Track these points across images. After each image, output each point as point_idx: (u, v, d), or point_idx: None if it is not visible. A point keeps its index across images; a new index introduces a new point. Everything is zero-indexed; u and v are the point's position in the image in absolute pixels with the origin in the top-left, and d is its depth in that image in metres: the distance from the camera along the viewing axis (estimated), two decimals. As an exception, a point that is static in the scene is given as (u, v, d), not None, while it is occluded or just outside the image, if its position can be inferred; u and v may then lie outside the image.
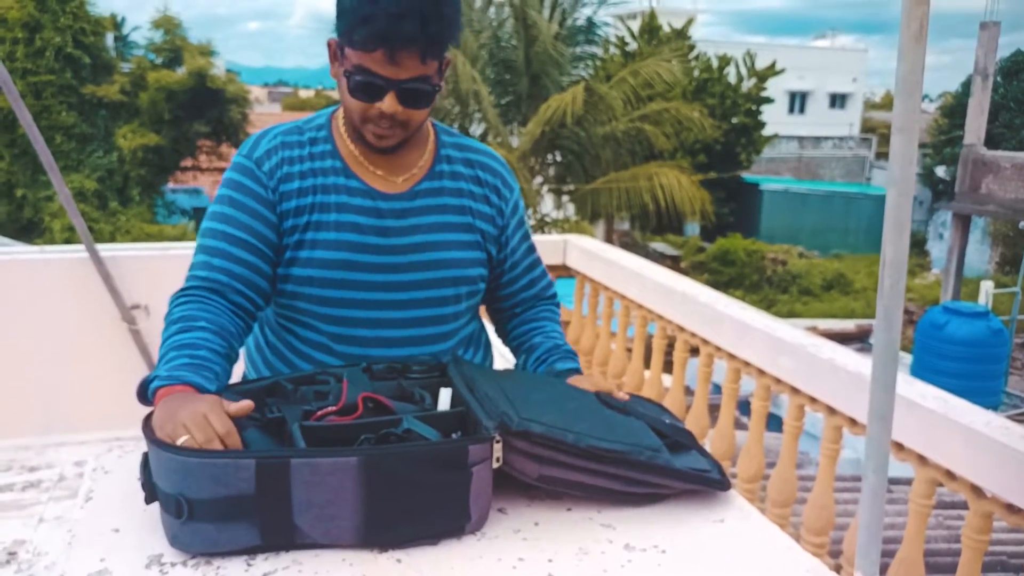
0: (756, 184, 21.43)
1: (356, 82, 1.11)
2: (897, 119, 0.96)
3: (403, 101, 1.12)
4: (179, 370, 1.02)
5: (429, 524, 0.94)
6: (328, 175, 1.19)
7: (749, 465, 2.35)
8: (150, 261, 2.97)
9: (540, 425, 0.98)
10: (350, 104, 1.14)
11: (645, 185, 12.46)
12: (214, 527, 0.89)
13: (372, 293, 1.18)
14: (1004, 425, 1.69)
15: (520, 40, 12.52)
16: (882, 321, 1.00)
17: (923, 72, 0.95)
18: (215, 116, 14.69)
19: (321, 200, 1.18)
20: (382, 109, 1.11)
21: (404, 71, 1.09)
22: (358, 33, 1.07)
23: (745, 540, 1.02)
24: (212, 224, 1.19)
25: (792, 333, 2.25)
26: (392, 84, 1.10)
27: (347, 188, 1.19)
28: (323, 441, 0.95)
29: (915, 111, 0.96)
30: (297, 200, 1.18)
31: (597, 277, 3.29)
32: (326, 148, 1.21)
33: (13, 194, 14.04)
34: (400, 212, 1.20)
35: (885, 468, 1.03)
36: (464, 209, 1.24)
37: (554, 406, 1.05)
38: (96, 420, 1.69)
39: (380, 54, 1.07)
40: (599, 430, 1.03)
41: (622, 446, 1.02)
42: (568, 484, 1.03)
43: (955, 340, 7.89)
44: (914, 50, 0.93)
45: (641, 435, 1.07)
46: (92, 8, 14.28)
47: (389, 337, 1.21)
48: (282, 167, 1.18)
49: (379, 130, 1.15)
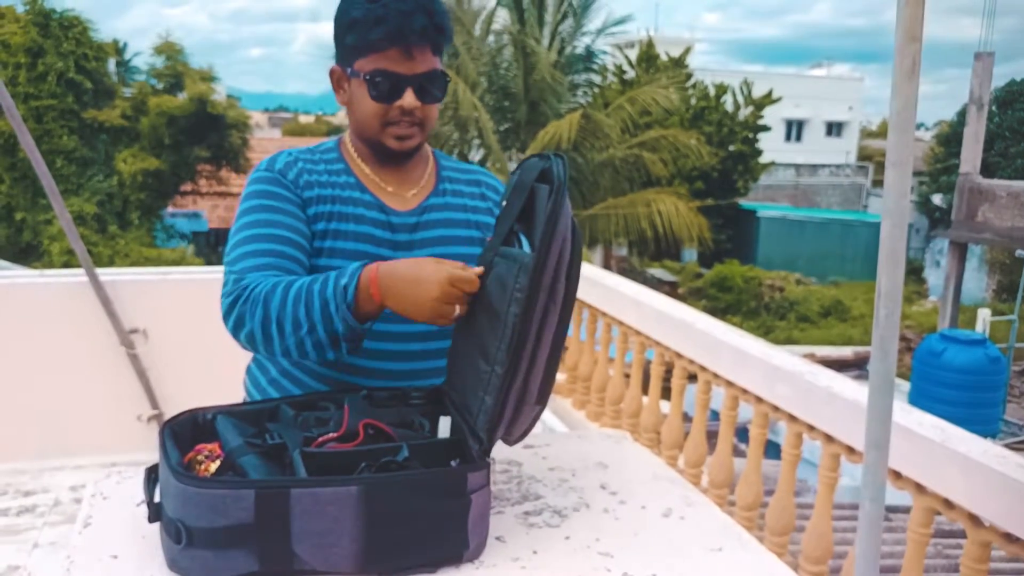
0: (753, 211, 21.55)
1: (375, 84, 1.16)
2: (891, 153, 0.99)
3: (420, 95, 1.18)
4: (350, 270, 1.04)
5: (428, 552, 0.94)
6: (345, 188, 1.23)
7: (747, 493, 2.34)
8: (149, 285, 2.98)
9: (483, 425, 0.98)
10: (369, 112, 1.19)
11: (643, 211, 12.54)
12: (212, 554, 0.88)
13: (385, 325, 1.18)
14: (1001, 454, 1.69)
15: (519, 68, 12.68)
16: (878, 351, 1.01)
17: (916, 107, 0.98)
18: (215, 141, 14.77)
19: (340, 210, 1.21)
20: (403, 106, 1.17)
21: (419, 65, 1.16)
22: (374, 34, 1.13)
23: (743, 568, 1.02)
24: (250, 231, 1.15)
25: (789, 361, 2.26)
26: (409, 79, 1.16)
27: (363, 202, 1.23)
28: (324, 467, 0.95)
29: (909, 145, 0.98)
30: (317, 206, 1.20)
31: (595, 303, 3.30)
32: (339, 166, 1.26)
33: (12, 217, 14.06)
34: (411, 227, 1.24)
35: (882, 497, 1.03)
36: (470, 223, 1.29)
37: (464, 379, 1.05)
38: (93, 445, 1.69)
39: (395, 52, 1.14)
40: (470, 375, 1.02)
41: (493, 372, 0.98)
42: (525, 420, 1.02)
43: (953, 368, 7.88)
44: (907, 86, 0.95)
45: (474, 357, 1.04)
46: (95, 34, 14.43)
47: (396, 350, 1.21)
48: (303, 175, 1.21)
49: (400, 130, 1.20)
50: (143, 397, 2.90)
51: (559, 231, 0.95)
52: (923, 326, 14.66)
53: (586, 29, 13.51)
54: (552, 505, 1.12)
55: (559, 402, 3.65)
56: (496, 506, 1.10)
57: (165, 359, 2.93)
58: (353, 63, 1.18)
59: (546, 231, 0.94)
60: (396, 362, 1.22)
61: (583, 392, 3.49)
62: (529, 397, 0.99)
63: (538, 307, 0.95)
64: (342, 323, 1.03)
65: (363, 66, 1.17)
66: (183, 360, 2.84)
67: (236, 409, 1.11)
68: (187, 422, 1.06)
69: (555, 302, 0.98)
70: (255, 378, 1.30)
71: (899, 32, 0.93)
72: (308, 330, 1.04)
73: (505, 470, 1.23)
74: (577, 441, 1.42)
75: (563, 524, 1.07)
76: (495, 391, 0.96)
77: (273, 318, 1.05)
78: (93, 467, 1.21)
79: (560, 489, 1.18)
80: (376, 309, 1.05)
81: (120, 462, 1.22)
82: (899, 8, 0.93)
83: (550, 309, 0.97)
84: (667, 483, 1.22)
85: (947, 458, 1.71)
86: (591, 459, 1.28)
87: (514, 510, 1.11)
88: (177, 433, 1.03)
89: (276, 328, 1.05)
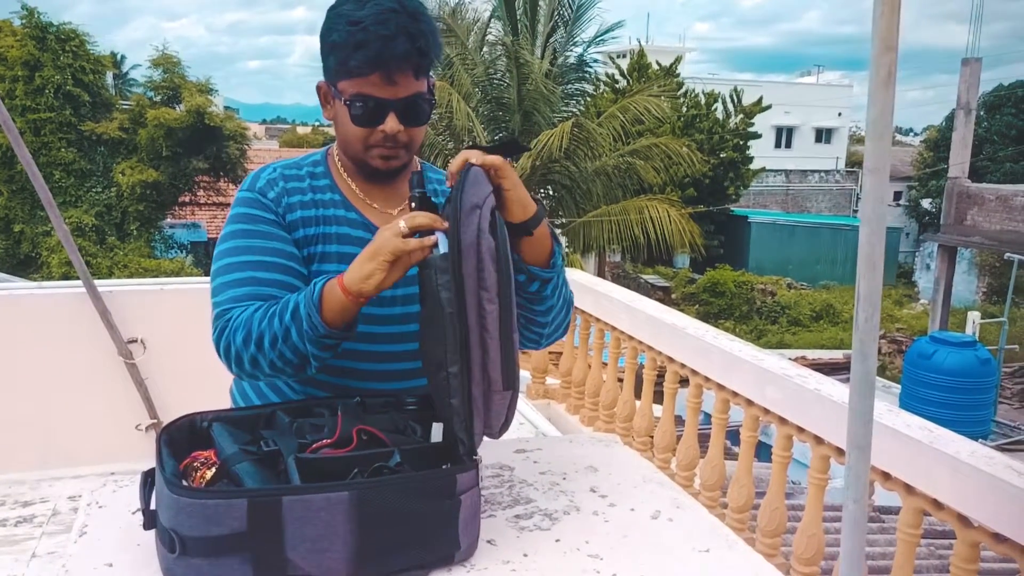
0: (745, 217, 21.66)
1: (356, 108, 1.14)
2: (869, 160, 1.01)
3: (403, 119, 1.15)
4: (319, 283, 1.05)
5: (420, 553, 0.96)
6: (328, 207, 1.22)
7: (739, 495, 2.36)
8: (147, 296, 2.99)
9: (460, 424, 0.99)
10: (352, 134, 1.18)
11: (635, 218, 12.60)
12: (207, 562, 0.90)
13: (369, 327, 1.20)
14: (989, 455, 1.71)
15: (512, 78, 12.74)
16: (858, 353, 1.03)
17: (893, 115, 1.00)
18: (213, 152, 14.79)
19: (323, 231, 1.21)
20: (385, 131, 1.15)
21: (401, 89, 1.14)
22: (354, 60, 1.11)
23: (730, 569, 1.03)
24: (231, 259, 1.16)
25: (779, 364, 2.28)
26: (391, 104, 1.14)
27: (347, 220, 1.22)
28: (318, 473, 0.96)
29: (886, 152, 1.00)
30: (303, 230, 1.20)
31: (589, 309, 3.33)
32: (325, 182, 1.25)
33: (11, 229, 14.04)
34: None
35: (865, 498, 1.05)
36: None
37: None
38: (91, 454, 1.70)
39: (377, 76, 1.12)
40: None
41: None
42: (501, 405, 1.03)
43: (943, 370, 7.93)
44: (883, 95, 0.97)
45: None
46: (92, 47, 14.46)
47: (384, 370, 1.23)
48: (284, 197, 1.21)
49: (384, 151, 1.17)
50: (142, 407, 2.91)
51: (464, 221, 0.97)
52: (914, 329, 14.74)
53: (578, 39, 13.61)
54: (543, 508, 1.14)
55: (553, 407, 3.67)
56: (487, 510, 1.12)
57: (163, 369, 2.93)
58: (336, 84, 1.17)
59: (452, 225, 0.96)
60: (385, 363, 1.22)
61: (577, 397, 3.51)
62: (495, 385, 1.00)
63: (468, 298, 0.96)
64: (308, 322, 1.04)
65: (345, 88, 1.14)
66: (181, 370, 2.84)
67: (232, 415, 1.12)
68: (184, 428, 1.07)
69: (486, 288, 0.98)
70: (243, 383, 1.31)
71: (875, 42, 0.95)
72: (283, 338, 1.06)
73: (497, 474, 1.25)
74: (568, 445, 1.43)
75: (553, 527, 1.09)
76: (458, 391, 0.97)
77: (254, 337, 1.07)
78: (92, 477, 1.21)
79: (551, 493, 1.19)
80: (346, 303, 1.04)
81: (119, 471, 1.23)
82: (875, 18, 0.95)
83: (483, 297, 0.98)
84: (656, 486, 1.24)
85: (935, 459, 1.74)
86: (581, 463, 1.30)
87: (505, 513, 1.12)
88: (174, 440, 1.04)
89: (256, 346, 1.07)
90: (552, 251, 1.17)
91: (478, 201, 0.99)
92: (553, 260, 1.17)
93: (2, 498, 1.15)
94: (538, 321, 1.22)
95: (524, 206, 1.09)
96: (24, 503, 1.14)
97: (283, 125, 49.36)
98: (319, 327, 1.04)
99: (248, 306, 1.11)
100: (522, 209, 1.09)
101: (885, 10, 0.95)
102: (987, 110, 21.32)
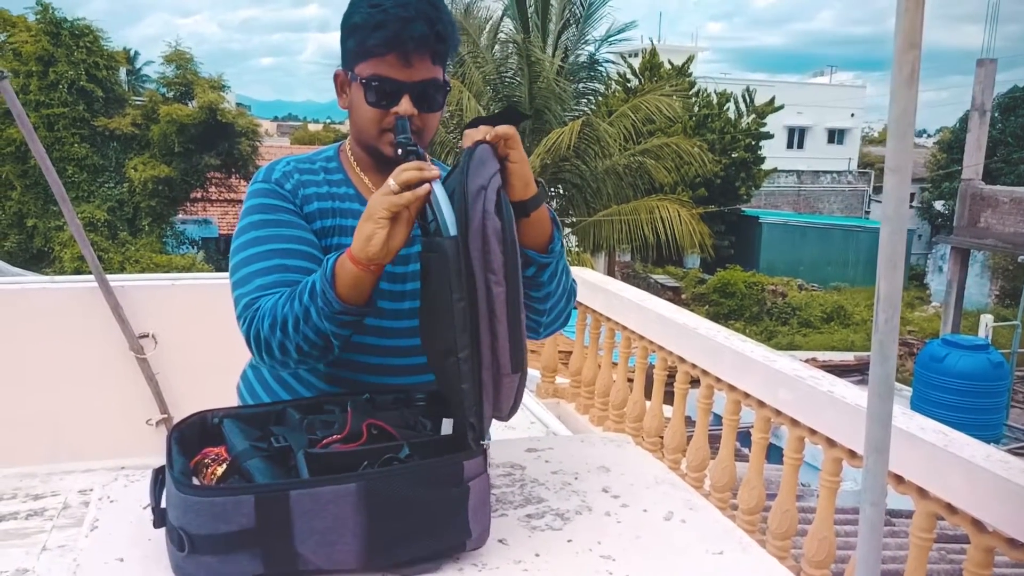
0: (756, 217, 21.57)
1: (372, 88, 1.15)
2: (890, 159, 0.99)
3: (417, 103, 1.15)
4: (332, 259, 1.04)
5: (430, 542, 0.95)
6: (344, 200, 1.22)
7: (750, 497, 2.35)
8: (158, 291, 3.01)
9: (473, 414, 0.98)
10: (366, 118, 1.18)
11: (646, 218, 12.56)
12: (216, 559, 0.89)
13: (381, 321, 1.20)
14: (1004, 459, 1.69)
15: (523, 76, 12.73)
16: (878, 355, 1.02)
17: (915, 114, 0.98)
18: (225, 149, 14.85)
19: (340, 223, 1.21)
20: (399, 112, 1.14)
21: (417, 72, 1.14)
22: (372, 39, 1.12)
23: (744, 572, 1.02)
24: (254, 249, 1.15)
25: (791, 365, 2.26)
26: (406, 86, 1.14)
27: (362, 213, 1.23)
28: (328, 468, 0.96)
29: (908, 151, 0.99)
30: (320, 221, 1.20)
31: (599, 308, 3.31)
32: (338, 176, 1.25)
33: (24, 224, 14.16)
34: (409, 240, 1.23)
35: (883, 501, 1.04)
36: None
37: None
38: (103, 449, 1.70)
39: (394, 57, 1.13)
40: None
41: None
42: (510, 389, 1.02)
43: (955, 373, 7.87)
44: (906, 93, 0.96)
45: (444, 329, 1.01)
46: (106, 43, 14.56)
47: (396, 365, 1.22)
48: (300, 189, 1.21)
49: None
50: (152, 401, 2.92)
51: (471, 203, 0.96)
52: (926, 331, 14.63)
53: (590, 38, 13.58)
54: (554, 508, 1.13)
55: (563, 406, 3.66)
56: (499, 509, 1.11)
57: (174, 364, 2.94)
58: (354, 67, 1.17)
59: (459, 208, 0.96)
60: (397, 358, 1.22)
61: (587, 396, 3.50)
62: (504, 368, 0.99)
63: (479, 283, 0.95)
64: (323, 298, 1.03)
65: (362, 70, 1.15)
66: (192, 365, 2.86)
67: (243, 412, 1.12)
68: (195, 425, 1.07)
69: (493, 271, 0.97)
70: (251, 379, 1.30)
71: (898, 39, 0.94)
72: (304, 318, 1.05)
73: (508, 473, 1.24)
74: (579, 445, 1.42)
75: (565, 527, 1.08)
76: (469, 376, 0.96)
77: (279, 322, 1.06)
78: (103, 471, 1.21)
79: (562, 492, 1.18)
80: (357, 273, 1.02)
81: (130, 466, 1.23)
82: (898, 15, 0.94)
83: (490, 279, 0.97)
84: (669, 487, 1.23)
85: (949, 463, 1.72)
86: (593, 463, 1.29)
87: (516, 513, 1.12)
88: (185, 437, 1.04)
89: (281, 331, 1.06)
90: (551, 236, 1.16)
91: (483, 182, 0.98)
92: (552, 246, 1.16)
93: (13, 491, 1.16)
94: (535, 308, 1.20)
95: (527, 183, 1.08)
96: (35, 496, 1.15)
97: (295, 122, 49.62)
98: (334, 303, 1.03)
99: (275, 293, 1.10)
100: (524, 186, 1.08)
101: (909, 6, 0.93)
102: (1002, 112, 21.13)
